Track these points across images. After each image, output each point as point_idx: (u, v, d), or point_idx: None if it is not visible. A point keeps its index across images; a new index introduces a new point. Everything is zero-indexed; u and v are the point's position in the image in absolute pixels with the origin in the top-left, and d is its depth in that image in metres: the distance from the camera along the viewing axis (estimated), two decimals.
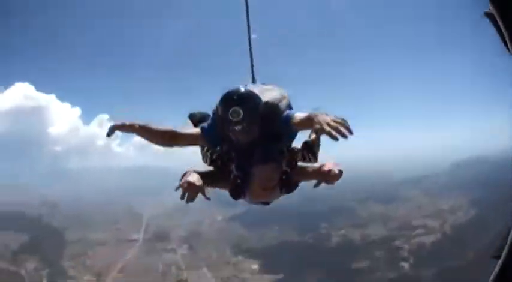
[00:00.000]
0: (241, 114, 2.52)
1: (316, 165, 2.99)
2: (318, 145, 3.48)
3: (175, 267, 56.82)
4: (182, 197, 2.51)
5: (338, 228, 67.04)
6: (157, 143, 2.87)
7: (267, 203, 3.04)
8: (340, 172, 2.77)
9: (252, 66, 3.79)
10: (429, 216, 66.99)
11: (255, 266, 58.53)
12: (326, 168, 2.77)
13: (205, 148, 3.06)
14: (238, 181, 2.72)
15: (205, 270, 56.76)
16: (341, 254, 57.80)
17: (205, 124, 2.87)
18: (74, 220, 71.00)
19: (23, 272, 54.01)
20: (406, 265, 54.59)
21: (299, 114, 2.61)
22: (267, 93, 2.89)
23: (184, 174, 2.70)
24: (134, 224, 68.93)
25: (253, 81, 3.79)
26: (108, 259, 57.23)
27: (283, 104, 2.85)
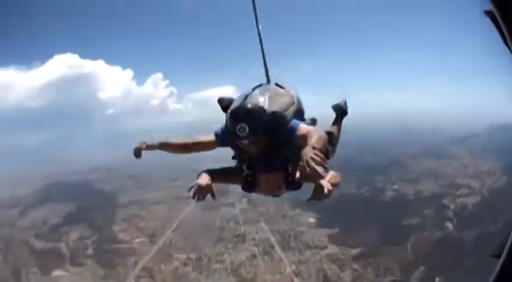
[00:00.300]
0: (247, 130, 2.85)
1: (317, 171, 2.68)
2: (337, 138, 4.16)
3: (233, 221, 58.44)
4: (193, 197, 3.04)
5: (392, 182, 66.52)
6: (179, 153, 3.64)
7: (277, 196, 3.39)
8: (329, 193, 2.83)
9: (266, 65, 4.01)
10: (472, 177, 65.83)
11: (312, 220, 59.30)
12: (324, 185, 2.79)
13: None
14: (249, 179, 3.16)
15: (262, 224, 57.98)
16: (394, 209, 57.75)
17: (218, 130, 3.33)
18: (128, 182, 72.54)
19: (62, 245, 55.53)
20: (450, 225, 53.87)
21: (303, 128, 2.98)
22: (277, 99, 3.25)
23: (198, 175, 3.22)
24: (194, 180, 69.81)
25: (268, 80, 4.00)
26: (163, 218, 59.41)
27: (290, 112, 3.21)
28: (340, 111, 4.57)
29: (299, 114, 3.43)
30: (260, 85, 3.75)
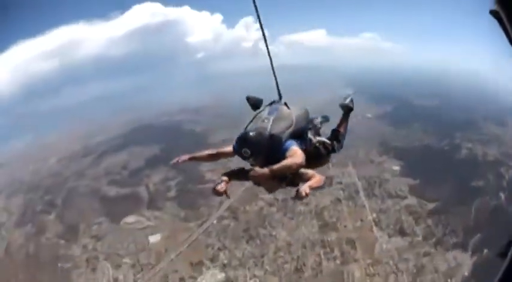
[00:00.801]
0: (249, 153, 4.11)
1: (306, 176, 4.29)
2: (344, 134, 5.53)
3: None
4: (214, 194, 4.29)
5: (468, 140, 64.90)
6: (210, 162, 5.27)
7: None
8: (306, 196, 3.94)
9: (278, 86, 5.43)
10: None
11: (396, 168, 57.97)
12: (302, 189, 3.92)
13: None
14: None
15: (350, 168, 56.28)
16: (466, 167, 56.92)
17: (235, 144, 4.34)
18: (219, 122, 69.53)
19: (141, 189, 55.03)
20: (502, 196, 51.77)
21: (292, 150, 4.20)
22: (279, 123, 4.46)
23: (219, 181, 4.38)
24: None
25: (280, 97, 5.35)
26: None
27: (286, 134, 4.43)
28: (347, 109, 5.83)
29: (297, 132, 4.64)
30: (273, 102, 5.22)
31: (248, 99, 5.48)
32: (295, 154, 4.16)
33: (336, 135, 5.41)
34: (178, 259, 45.18)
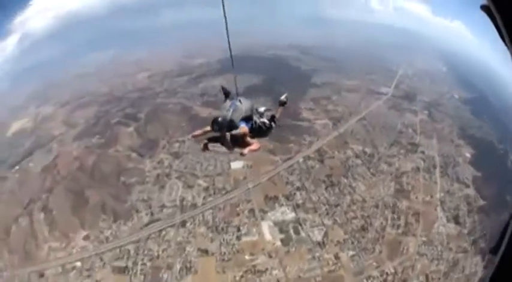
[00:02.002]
0: (217, 129, 6.82)
1: (250, 143, 7.30)
2: (278, 119, 8.44)
3: (412, 129, 55.19)
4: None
5: None
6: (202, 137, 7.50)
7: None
8: (244, 155, 7.16)
9: (236, 83, 8.49)
10: None
11: (468, 155, 56.87)
12: (243, 151, 7.12)
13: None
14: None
15: (434, 141, 55.24)
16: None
17: (212, 124, 6.97)
18: (324, 65, 68.80)
19: None
20: None
21: (241, 127, 7.21)
22: (235, 113, 7.29)
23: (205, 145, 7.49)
24: (386, 78, 62.87)
25: (237, 94, 8.26)
26: (351, 107, 55.81)
27: (238, 119, 7.26)
28: (282, 103, 8.97)
29: (245, 117, 7.60)
30: (233, 98, 7.90)
31: (222, 88, 9.00)
32: (242, 129, 7.22)
33: (273, 118, 8.39)
34: (255, 190, 44.04)
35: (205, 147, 7.37)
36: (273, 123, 8.25)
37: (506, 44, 2.19)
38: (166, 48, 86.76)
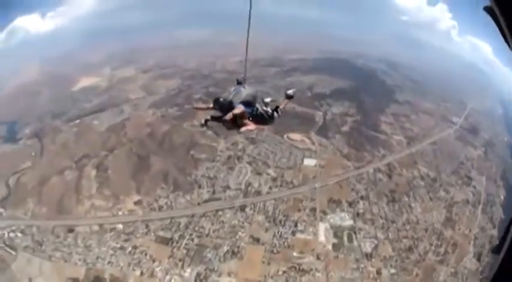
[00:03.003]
0: (218, 108, 7.81)
1: (247, 124, 7.95)
2: (282, 109, 9.29)
3: (470, 162, 55.26)
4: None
5: None
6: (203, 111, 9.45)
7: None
8: (241, 133, 8.39)
9: (245, 72, 9.39)
10: None
11: (502, 197, 55.53)
12: (241, 129, 7.99)
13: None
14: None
15: (483, 178, 54.78)
16: None
17: (214, 103, 7.95)
18: (408, 84, 69.74)
19: (318, 114, 55.94)
20: None
21: (237, 107, 7.79)
22: (236, 96, 8.08)
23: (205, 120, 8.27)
24: (458, 108, 64.80)
25: (245, 79, 9.10)
26: (426, 129, 56.62)
27: (238, 101, 7.94)
28: (288, 96, 9.98)
29: (248, 102, 8.17)
30: (239, 83, 8.89)
31: (237, 80, 9.32)
32: (238, 109, 7.63)
33: (276, 109, 9.05)
34: (321, 190, 44.34)
35: (205, 123, 8.03)
36: (275, 113, 8.89)
37: (509, 45, 2.25)
38: (262, 38, 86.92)
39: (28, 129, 58.65)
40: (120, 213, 45.66)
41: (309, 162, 46.88)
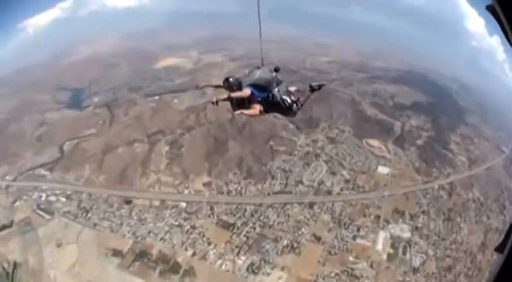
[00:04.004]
0: (226, 87, 7.70)
1: (251, 107, 7.58)
2: (302, 102, 8.34)
3: (508, 193, 54.92)
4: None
5: None
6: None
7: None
8: (236, 114, 7.56)
9: (262, 58, 8.78)
10: None
11: None
12: (236, 111, 7.43)
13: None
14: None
15: None
16: None
17: (224, 81, 7.81)
18: (476, 108, 70.87)
19: (396, 124, 57.17)
20: None
21: (244, 90, 7.56)
22: (247, 78, 7.76)
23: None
24: (509, 138, 65.90)
25: (262, 64, 8.52)
26: (484, 154, 57.50)
27: (247, 84, 7.61)
28: (312, 89, 8.73)
29: (259, 85, 7.77)
30: (258, 67, 8.24)
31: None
32: (244, 91, 7.41)
33: (296, 101, 8.26)
34: (389, 198, 45.84)
35: (216, 103, 7.50)
36: (295, 104, 8.19)
37: (511, 44, 2.27)
38: (352, 42, 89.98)
39: (97, 98, 60.00)
40: (186, 191, 46.52)
41: (382, 169, 48.59)
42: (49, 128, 56.83)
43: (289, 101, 8.06)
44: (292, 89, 8.34)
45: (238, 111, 7.32)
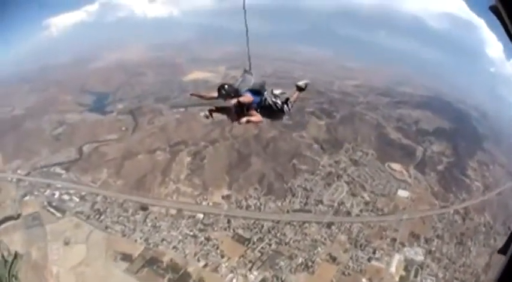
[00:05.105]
0: (223, 96, 6.88)
1: (252, 114, 7.24)
2: (292, 102, 8.31)
3: None
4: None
5: None
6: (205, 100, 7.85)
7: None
8: (240, 123, 7.11)
9: (249, 60, 8.20)
10: None
11: None
12: (242, 119, 7.05)
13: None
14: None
15: None
16: None
17: (219, 89, 7.02)
18: (491, 134, 71.65)
19: (418, 148, 58.35)
20: None
21: (244, 95, 7.18)
22: (243, 83, 7.46)
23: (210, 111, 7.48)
24: None
25: (250, 68, 7.99)
26: (497, 179, 58.05)
27: (245, 89, 7.34)
28: (299, 88, 8.83)
29: (254, 90, 7.57)
30: (245, 71, 7.86)
31: (244, 69, 8.25)
32: (245, 96, 7.21)
33: (286, 101, 8.22)
34: (406, 222, 46.38)
35: (210, 115, 7.37)
36: (285, 106, 8.18)
37: None
38: (374, 66, 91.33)
39: (122, 105, 61.38)
40: (204, 203, 47.00)
41: (402, 193, 49.25)
42: (68, 129, 57.96)
43: (279, 103, 8.08)
44: (277, 92, 8.26)
45: (244, 120, 7.06)
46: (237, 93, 7.14)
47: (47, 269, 37.70)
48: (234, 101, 6.89)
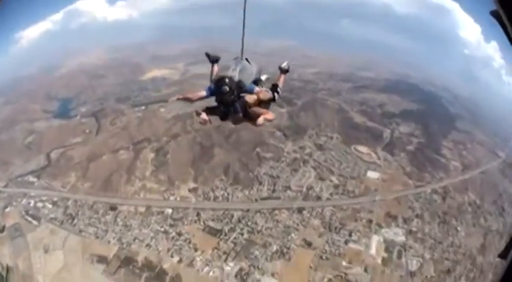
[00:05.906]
0: (227, 90, 5.73)
1: (262, 111, 6.03)
2: (280, 87, 7.10)
3: (506, 195, 53.87)
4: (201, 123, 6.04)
5: None
6: (190, 103, 6.42)
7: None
8: (261, 125, 5.86)
9: (242, 46, 7.44)
10: None
11: None
12: (259, 120, 5.79)
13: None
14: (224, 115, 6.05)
15: None
16: None
17: (213, 85, 6.08)
18: (467, 115, 71.92)
19: (386, 131, 57.93)
20: None
21: (257, 89, 6.30)
22: (244, 73, 6.48)
23: (199, 113, 5.99)
24: (505, 144, 66.29)
25: (242, 56, 7.19)
26: (478, 158, 57.23)
27: (249, 81, 6.51)
28: (283, 70, 7.86)
29: (256, 80, 6.99)
30: (237, 58, 7.01)
31: (208, 55, 7.79)
32: (261, 92, 6.24)
33: (275, 87, 6.95)
34: (380, 203, 45.02)
35: (205, 119, 5.96)
36: (275, 93, 6.90)
37: None
38: (337, 54, 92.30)
39: (85, 108, 60.84)
40: (171, 198, 46.20)
41: (372, 174, 48.05)
42: (37, 137, 57.58)
43: (269, 91, 6.98)
44: (264, 77, 7.63)
45: (261, 120, 5.71)
46: (240, 88, 6.03)
47: (34, 278, 37.07)
48: (251, 98, 5.94)
